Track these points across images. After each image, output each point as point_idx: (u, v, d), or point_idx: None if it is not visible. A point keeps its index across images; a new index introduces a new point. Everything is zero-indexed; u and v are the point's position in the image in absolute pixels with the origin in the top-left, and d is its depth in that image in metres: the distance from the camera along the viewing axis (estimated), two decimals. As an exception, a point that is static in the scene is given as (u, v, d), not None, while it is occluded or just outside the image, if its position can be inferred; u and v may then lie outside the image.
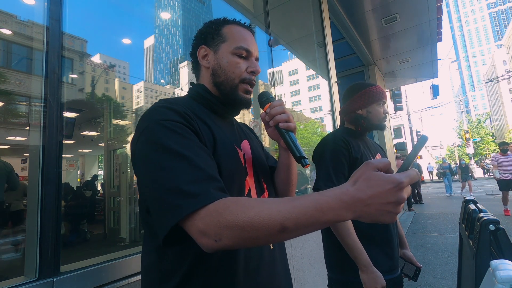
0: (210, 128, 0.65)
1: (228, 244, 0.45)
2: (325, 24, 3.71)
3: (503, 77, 33.99)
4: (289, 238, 0.46)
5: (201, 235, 0.46)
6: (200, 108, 0.70)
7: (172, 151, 0.53)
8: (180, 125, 0.58)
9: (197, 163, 0.52)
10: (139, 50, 3.27)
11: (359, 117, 1.31)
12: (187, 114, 0.61)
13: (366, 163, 0.45)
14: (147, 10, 2.79)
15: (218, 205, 0.47)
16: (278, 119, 0.69)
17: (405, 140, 14.73)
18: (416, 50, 6.19)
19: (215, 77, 0.72)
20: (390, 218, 0.43)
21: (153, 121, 0.58)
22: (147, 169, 0.54)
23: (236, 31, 0.73)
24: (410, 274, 1.32)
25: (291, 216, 0.43)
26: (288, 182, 0.82)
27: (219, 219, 0.45)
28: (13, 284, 0.86)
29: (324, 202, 0.43)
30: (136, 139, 0.59)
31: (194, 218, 0.47)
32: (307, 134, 9.19)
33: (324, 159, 1.21)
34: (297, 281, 2.17)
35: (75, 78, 5.21)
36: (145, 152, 0.56)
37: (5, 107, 5.07)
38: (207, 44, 0.74)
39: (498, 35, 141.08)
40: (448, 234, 5.14)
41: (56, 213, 0.98)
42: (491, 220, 0.81)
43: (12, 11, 1.73)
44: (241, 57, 0.72)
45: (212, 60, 0.73)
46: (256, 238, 0.44)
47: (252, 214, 0.44)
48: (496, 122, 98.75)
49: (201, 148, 0.57)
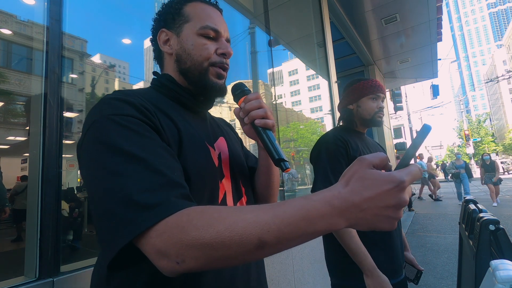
0: (175, 123, 0.56)
1: (193, 266, 0.36)
2: (325, 24, 3.71)
3: (503, 77, 34.00)
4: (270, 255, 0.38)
5: (160, 256, 0.37)
6: (164, 100, 0.61)
7: (124, 152, 0.43)
8: (136, 120, 0.48)
9: (155, 166, 0.43)
10: (139, 50, 3.28)
11: (349, 113, 1.26)
12: (144, 107, 0.51)
13: (359, 159, 0.38)
14: (147, 10, 2.79)
15: (180, 217, 0.38)
16: (253, 115, 0.59)
17: (405, 140, 14.71)
18: (416, 50, 6.19)
19: (180, 64, 0.63)
20: (389, 224, 0.36)
21: (102, 116, 0.47)
22: (93, 175, 0.44)
23: (201, 9, 0.63)
24: (411, 277, 1.28)
25: (272, 228, 0.35)
26: (269, 185, 0.73)
27: (180, 236, 0.36)
28: (13, 284, 0.87)
29: (312, 209, 0.35)
30: (82, 138, 0.49)
31: (149, 235, 0.37)
32: (307, 134, 9.18)
33: (321, 159, 1.15)
34: (297, 281, 2.17)
35: (75, 78, 5.19)
36: (91, 154, 0.46)
37: (5, 107, 5.08)
38: (168, 26, 0.64)
39: (498, 35, 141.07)
40: (448, 234, 5.14)
41: (56, 213, 0.98)
42: (491, 220, 0.81)
43: (12, 11, 1.73)
44: (209, 37, 0.62)
45: (175, 45, 0.63)
46: (228, 257, 0.36)
47: (222, 228, 0.36)
48: (496, 122, 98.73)
49: (162, 147, 0.48)
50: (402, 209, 0.37)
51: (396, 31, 5.23)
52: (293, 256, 2.19)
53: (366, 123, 1.26)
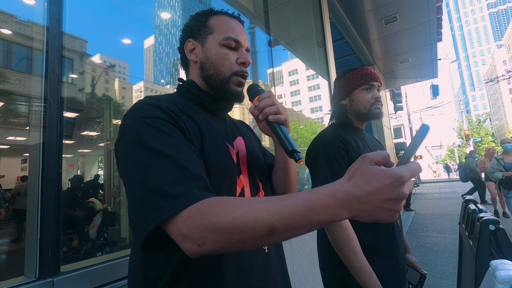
0: (198, 124, 0.62)
1: (212, 248, 0.42)
2: (325, 24, 3.71)
3: (503, 77, 33.96)
4: (280, 241, 0.43)
5: (184, 239, 0.43)
6: (189, 104, 0.68)
7: (154, 149, 0.50)
8: (163, 122, 0.55)
9: (180, 162, 0.49)
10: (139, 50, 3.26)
11: (342, 109, 1.14)
12: (171, 110, 0.58)
13: (362, 157, 0.41)
14: (147, 10, 2.79)
15: (201, 206, 0.44)
16: (267, 111, 0.65)
17: (405, 140, 14.72)
18: (416, 50, 6.19)
19: (204, 71, 0.69)
20: (390, 216, 0.39)
21: (135, 119, 0.55)
22: (127, 169, 0.52)
23: (224, 22, 0.70)
24: (414, 282, 1.19)
25: (281, 216, 0.40)
26: (287, 180, 0.78)
27: (202, 221, 0.42)
28: (13, 284, 0.87)
29: (317, 200, 0.39)
30: (118, 139, 0.56)
31: (176, 220, 0.44)
32: (307, 134, 9.18)
33: (320, 163, 1.03)
34: (297, 281, 2.17)
35: (75, 78, 5.21)
36: (126, 151, 0.53)
37: (5, 107, 5.08)
38: (194, 37, 0.71)
39: (498, 35, 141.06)
40: (448, 234, 5.14)
41: (56, 213, 0.98)
42: (491, 220, 0.81)
43: (12, 11, 1.73)
44: (230, 48, 0.68)
45: (200, 54, 0.70)
46: (242, 241, 0.41)
47: (238, 215, 0.41)
48: (496, 122, 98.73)
49: (186, 146, 0.54)
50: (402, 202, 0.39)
51: (396, 31, 5.23)
52: (293, 256, 2.19)
53: (363, 117, 1.13)
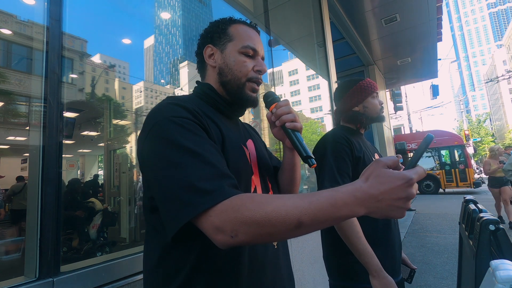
0: (218, 126, 0.66)
1: (244, 240, 0.46)
2: (325, 24, 3.71)
3: (503, 77, 33.97)
4: (304, 234, 0.47)
5: (217, 231, 0.46)
6: (206, 107, 0.70)
7: (184, 147, 0.52)
8: (190, 122, 0.58)
9: (209, 160, 0.52)
10: (139, 50, 3.26)
11: (357, 114, 1.29)
12: (195, 111, 0.61)
13: (377, 161, 0.47)
14: (147, 10, 2.78)
15: (235, 201, 0.47)
16: (284, 119, 0.69)
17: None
18: (416, 50, 6.19)
19: (222, 76, 0.72)
20: (400, 213, 0.45)
21: (163, 118, 0.57)
22: (157, 166, 0.54)
23: (243, 30, 0.74)
24: (404, 276, 1.26)
25: (308, 211, 0.44)
26: (292, 181, 0.82)
27: (236, 215, 0.45)
28: (13, 284, 0.86)
29: (339, 198, 0.44)
30: (144, 136, 0.58)
31: (209, 214, 0.47)
32: (307, 134, 9.20)
33: (327, 159, 1.15)
34: (297, 281, 2.17)
35: (75, 78, 5.21)
36: (155, 148, 0.55)
37: (5, 107, 5.08)
38: (214, 43, 0.74)
39: (498, 35, 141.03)
40: (448, 234, 5.14)
41: (56, 213, 0.98)
42: (491, 220, 0.81)
43: (12, 11, 1.73)
44: (248, 56, 0.72)
45: (219, 59, 0.73)
46: (273, 233, 0.45)
47: (270, 210, 0.45)
48: (496, 122, 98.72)
49: (212, 145, 0.57)
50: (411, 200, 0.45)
51: (396, 31, 5.23)
52: (293, 256, 2.19)
53: (373, 120, 1.30)
